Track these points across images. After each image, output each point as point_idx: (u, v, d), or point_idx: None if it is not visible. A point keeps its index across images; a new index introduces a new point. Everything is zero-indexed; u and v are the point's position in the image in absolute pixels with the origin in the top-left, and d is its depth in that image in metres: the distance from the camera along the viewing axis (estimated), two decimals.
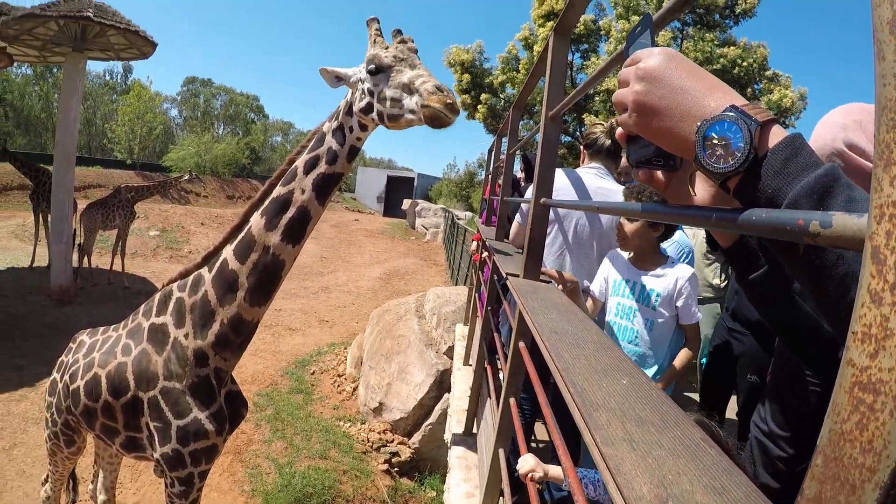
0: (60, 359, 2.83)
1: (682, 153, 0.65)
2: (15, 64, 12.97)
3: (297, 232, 2.20)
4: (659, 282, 2.36)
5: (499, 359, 2.54)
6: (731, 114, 0.56)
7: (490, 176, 5.61)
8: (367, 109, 2.03)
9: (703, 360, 3.43)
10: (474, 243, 5.02)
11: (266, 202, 2.24)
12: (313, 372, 8.19)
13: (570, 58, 17.24)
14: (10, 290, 10.72)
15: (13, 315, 9.28)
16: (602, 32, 17.23)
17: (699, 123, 0.58)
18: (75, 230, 11.32)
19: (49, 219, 11.38)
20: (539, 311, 1.50)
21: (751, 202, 0.55)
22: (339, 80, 2.15)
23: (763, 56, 15.52)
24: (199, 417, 2.26)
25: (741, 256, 1.13)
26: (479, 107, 18.46)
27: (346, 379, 7.91)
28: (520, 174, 4.42)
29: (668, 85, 0.63)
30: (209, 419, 2.28)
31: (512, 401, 1.73)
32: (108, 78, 50.45)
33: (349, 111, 2.13)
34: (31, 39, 11.21)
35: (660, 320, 2.35)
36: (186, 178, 13.44)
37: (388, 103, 1.95)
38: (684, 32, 16.25)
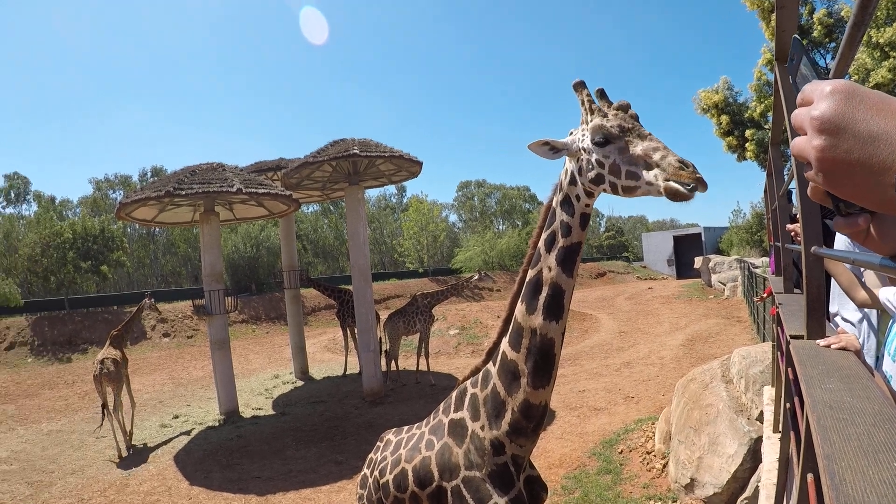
0: (370, 456, 3.18)
1: (889, 211, 0.53)
2: (302, 205, 15.74)
3: (556, 308, 2.23)
4: None
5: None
6: None
7: (769, 220, 5.07)
8: (598, 181, 2.00)
9: None
10: (766, 296, 4.54)
11: (523, 288, 2.36)
12: (621, 451, 7.96)
13: (823, 64, 14.78)
14: (328, 396, 12.91)
15: (332, 417, 11.15)
16: (846, 21, 14.32)
17: None
18: (380, 338, 13.06)
19: (356, 331, 13.24)
20: (816, 380, 1.39)
21: None
22: (556, 151, 2.11)
23: None
24: (498, 503, 2.41)
25: None
26: (747, 145, 16.63)
27: (655, 456, 7.49)
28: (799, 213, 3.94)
29: (853, 134, 0.51)
30: None
31: (810, 477, 1.56)
32: (387, 200, 56.67)
33: (573, 181, 2.11)
34: (312, 183, 13.74)
35: None
36: (476, 277, 14.49)
37: (622, 175, 1.90)
38: None
